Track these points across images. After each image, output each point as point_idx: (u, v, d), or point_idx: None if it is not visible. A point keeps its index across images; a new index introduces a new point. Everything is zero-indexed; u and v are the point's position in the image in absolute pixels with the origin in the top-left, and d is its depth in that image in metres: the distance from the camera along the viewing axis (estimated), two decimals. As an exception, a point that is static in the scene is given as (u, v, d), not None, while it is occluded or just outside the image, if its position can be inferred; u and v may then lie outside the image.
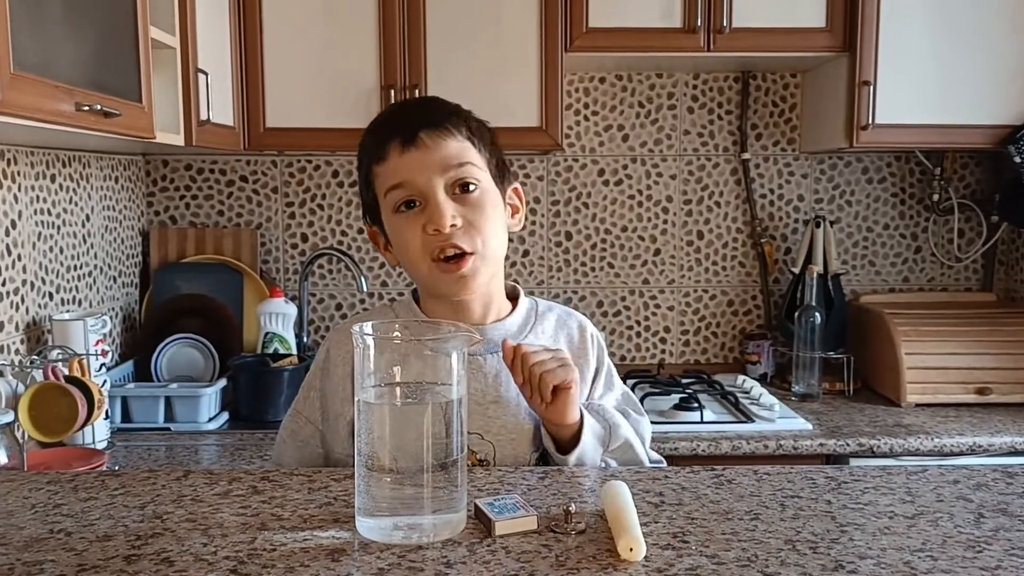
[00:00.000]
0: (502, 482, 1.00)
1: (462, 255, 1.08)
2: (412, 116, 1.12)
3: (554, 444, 1.11)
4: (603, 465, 1.13)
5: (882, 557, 0.80)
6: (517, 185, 1.20)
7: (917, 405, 2.25)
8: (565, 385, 1.05)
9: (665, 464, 1.19)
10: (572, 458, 1.09)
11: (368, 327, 0.86)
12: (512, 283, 1.22)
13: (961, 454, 2.00)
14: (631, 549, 0.79)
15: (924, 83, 2.24)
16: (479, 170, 1.11)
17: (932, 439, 2.00)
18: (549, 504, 0.93)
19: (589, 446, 1.10)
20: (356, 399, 0.87)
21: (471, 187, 1.09)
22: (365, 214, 1.19)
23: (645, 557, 0.79)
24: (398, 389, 0.87)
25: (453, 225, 1.07)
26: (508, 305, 1.20)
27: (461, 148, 1.10)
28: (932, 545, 0.83)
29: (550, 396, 1.05)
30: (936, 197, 2.60)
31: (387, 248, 1.17)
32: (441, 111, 1.12)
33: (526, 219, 1.26)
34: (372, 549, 0.82)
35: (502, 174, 1.16)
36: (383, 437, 0.85)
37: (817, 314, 2.34)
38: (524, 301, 1.21)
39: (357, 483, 0.86)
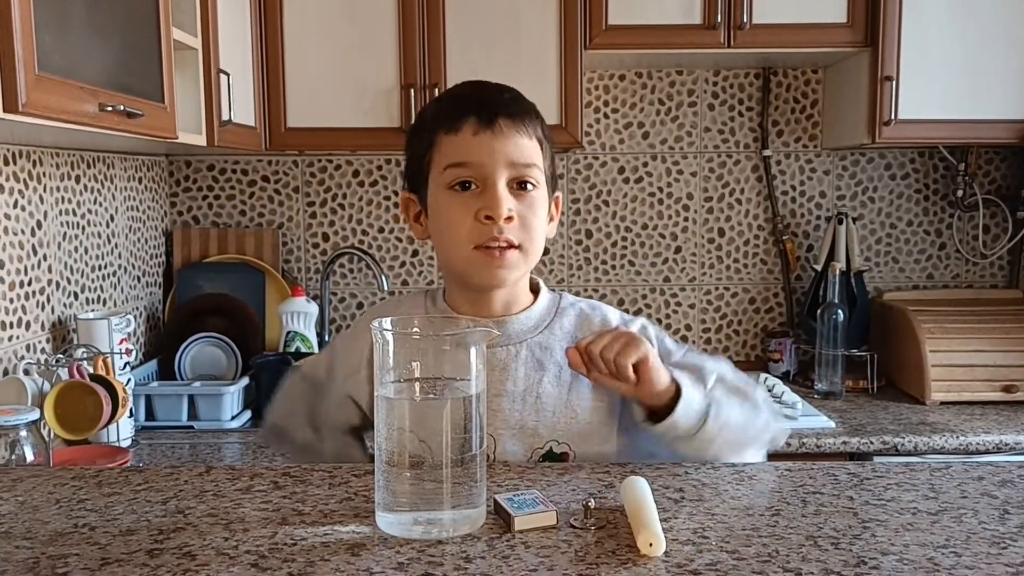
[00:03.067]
0: (522, 478, 1.00)
1: (508, 247, 1.08)
2: (494, 99, 1.11)
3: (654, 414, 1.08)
4: (715, 419, 1.06)
5: (905, 553, 0.79)
6: (559, 194, 1.21)
7: (942, 403, 2.22)
8: (643, 359, 1.03)
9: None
10: (679, 412, 1.04)
11: (387, 323, 0.87)
12: (534, 277, 1.21)
13: (987, 452, 1.98)
14: (651, 544, 0.78)
15: (947, 78, 2.22)
16: (540, 172, 1.12)
17: (957, 437, 1.98)
18: (568, 499, 0.93)
19: (692, 396, 1.06)
20: (376, 394, 0.87)
21: (529, 186, 1.10)
22: (406, 178, 1.17)
23: (665, 552, 0.79)
24: (417, 384, 0.87)
25: (508, 218, 1.07)
26: (529, 298, 1.19)
27: (531, 147, 1.10)
28: (956, 541, 0.82)
29: (634, 376, 1.04)
30: (960, 193, 2.57)
31: (417, 219, 1.16)
32: (522, 104, 1.13)
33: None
34: (392, 544, 0.82)
35: (552, 182, 1.17)
36: (403, 432, 0.85)
37: (840, 311, 2.32)
38: (544, 295, 1.20)
39: (377, 478, 0.86)
